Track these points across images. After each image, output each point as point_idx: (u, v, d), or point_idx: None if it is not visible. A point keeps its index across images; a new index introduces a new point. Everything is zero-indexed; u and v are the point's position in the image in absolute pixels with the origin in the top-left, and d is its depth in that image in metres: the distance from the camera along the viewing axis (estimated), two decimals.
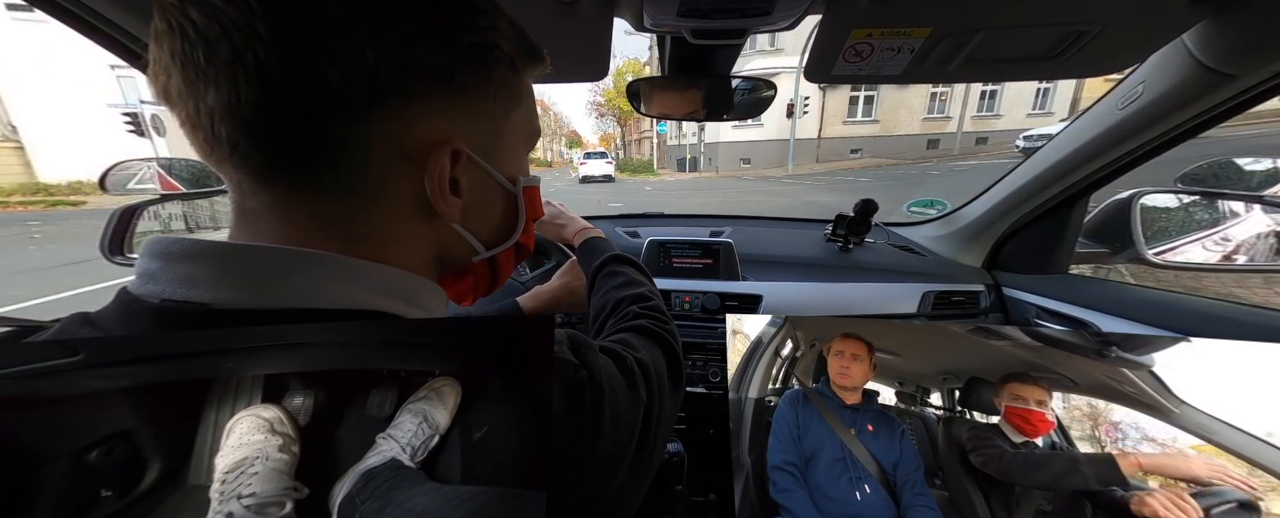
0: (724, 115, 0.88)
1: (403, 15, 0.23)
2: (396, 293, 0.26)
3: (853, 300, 1.06)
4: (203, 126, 0.22)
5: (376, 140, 0.24)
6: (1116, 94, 0.74)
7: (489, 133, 0.29)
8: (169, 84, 0.22)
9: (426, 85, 0.24)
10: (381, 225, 0.26)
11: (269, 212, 0.24)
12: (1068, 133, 0.85)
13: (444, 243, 0.29)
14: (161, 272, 0.23)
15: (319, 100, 0.22)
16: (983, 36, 0.57)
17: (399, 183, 0.26)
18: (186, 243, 0.23)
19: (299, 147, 0.23)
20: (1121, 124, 0.74)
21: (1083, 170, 0.85)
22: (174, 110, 0.23)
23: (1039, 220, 0.99)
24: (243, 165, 0.23)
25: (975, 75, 0.68)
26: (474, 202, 0.29)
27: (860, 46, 0.60)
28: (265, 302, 0.22)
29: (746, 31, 0.62)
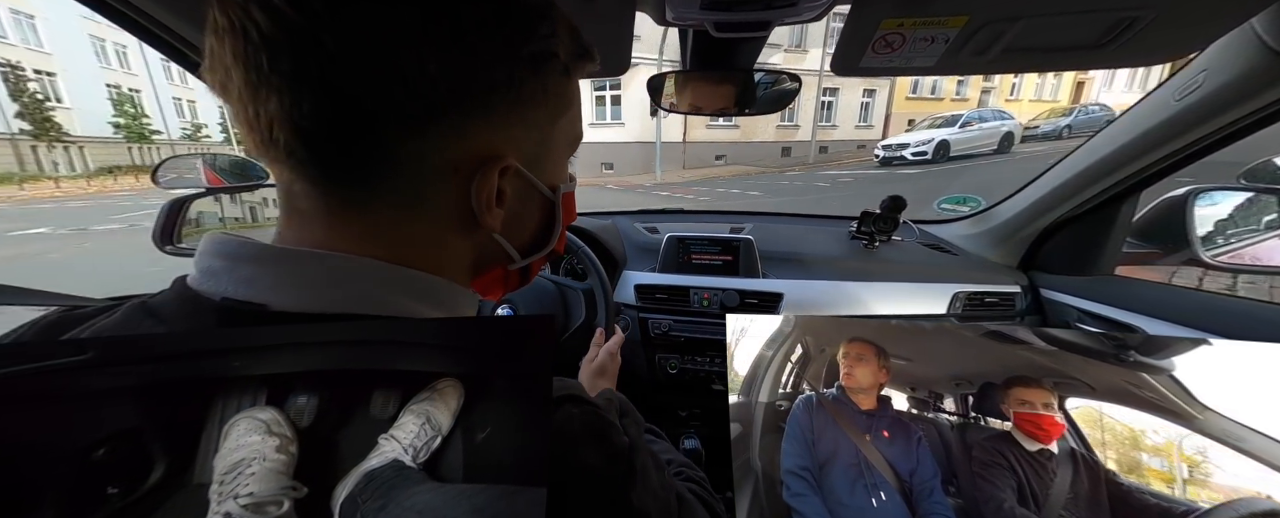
0: (747, 110, 0.86)
1: (469, 27, 0.22)
2: (436, 300, 0.27)
3: (878, 300, 1.03)
4: (259, 129, 0.22)
5: (430, 153, 0.24)
6: (1173, 84, 0.69)
7: (536, 142, 0.28)
8: (228, 83, 0.22)
9: (485, 98, 0.24)
10: (425, 234, 0.27)
11: (319, 216, 0.25)
12: (1117, 126, 0.80)
13: (482, 250, 0.30)
14: (224, 271, 0.24)
15: (379, 114, 0.22)
16: (1024, 25, 0.54)
17: (446, 195, 0.26)
18: (249, 245, 0.24)
19: (354, 158, 0.23)
20: (1178, 116, 0.69)
21: (1133, 166, 0.80)
22: (230, 106, 0.23)
23: (1082, 218, 0.94)
24: (297, 170, 0.24)
25: (1014, 66, 0.65)
26: (515, 211, 0.29)
27: (891, 37, 0.57)
28: (319, 306, 0.23)
29: (771, 24, 0.60)
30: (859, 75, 0.68)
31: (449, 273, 0.28)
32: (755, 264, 1.09)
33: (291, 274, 0.23)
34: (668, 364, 1.05)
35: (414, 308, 0.25)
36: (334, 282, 0.24)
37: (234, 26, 0.20)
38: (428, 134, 0.23)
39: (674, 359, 1.05)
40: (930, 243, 1.21)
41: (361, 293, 0.24)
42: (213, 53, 0.22)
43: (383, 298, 0.24)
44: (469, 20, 0.22)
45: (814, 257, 1.15)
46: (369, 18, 0.21)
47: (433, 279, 0.27)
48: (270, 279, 0.23)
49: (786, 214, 1.49)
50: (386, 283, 0.25)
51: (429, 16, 0.21)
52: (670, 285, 1.07)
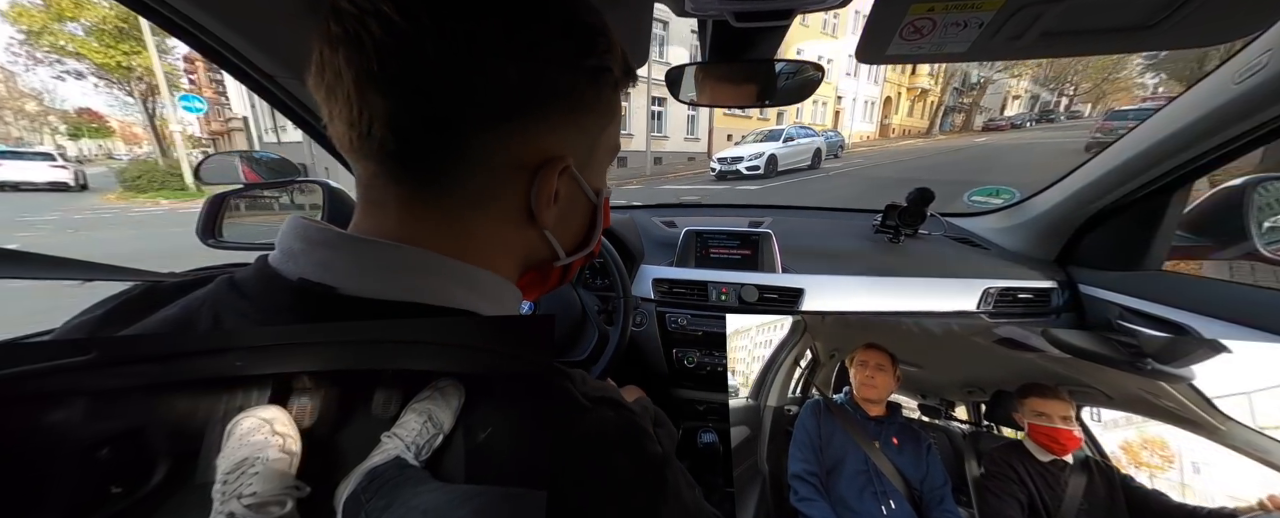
0: (768, 101, 0.84)
1: (543, 38, 0.25)
2: (493, 296, 0.29)
3: (903, 296, 1.00)
4: (360, 126, 0.24)
5: (499, 150, 0.26)
6: (1232, 66, 0.64)
7: (587, 147, 0.31)
8: (336, 85, 0.24)
9: (552, 103, 0.27)
10: (486, 228, 0.29)
11: (395, 205, 0.27)
12: (1169, 112, 0.75)
13: (531, 248, 0.32)
14: (303, 253, 0.26)
15: (465, 112, 0.24)
16: (1066, 6, 0.51)
17: (509, 191, 0.28)
18: (328, 232, 0.26)
19: (436, 152, 0.25)
20: (1238, 101, 0.63)
21: (1186, 154, 0.74)
22: (331, 106, 0.25)
23: (1128, 210, 0.88)
24: (384, 163, 0.26)
25: (1053, 50, 0.61)
26: (565, 211, 0.31)
27: (919, 23, 0.55)
28: (387, 293, 0.24)
29: (793, 12, 0.58)
30: (885, 63, 0.66)
31: (501, 269, 0.30)
32: (775, 259, 1.08)
33: (363, 261, 0.25)
34: (686, 359, 1.05)
35: (473, 301, 0.27)
36: (404, 270, 0.26)
37: (349, 35, 0.23)
38: (500, 133, 0.26)
39: (692, 354, 1.05)
40: (959, 237, 1.16)
41: (426, 285, 0.26)
42: (323, 58, 0.25)
43: (446, 291, 0.26)
44: (542, 33, 0.26)
45: (836, 251, 1.12)
46: (465, 29, 0.24)
47: (492, 277, 0.29)
48: (344, 264, 0.25)
49: (808, 208, 1.46)
50: (452, 277, 0.27)
51: (511, 29, 0.24)
52: (688, 280, 1.07)
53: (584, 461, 0.22)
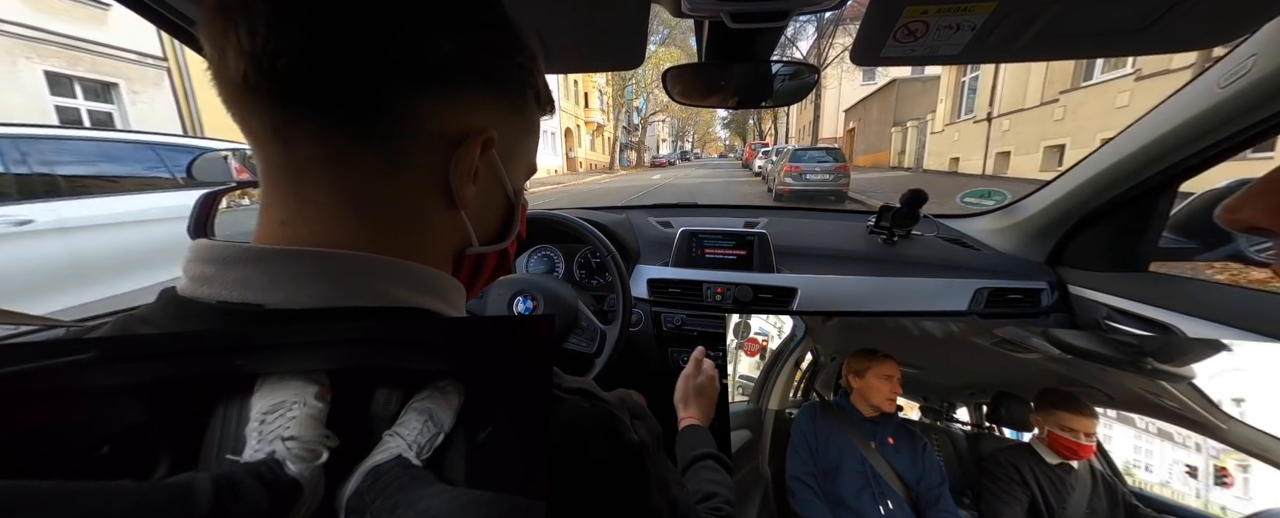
0: (764, 103, 0.85)
1: (481, 22, 0.27)
2: (433, 290, 0.28)
3: (896, 296, 1.01)
4: (261, 59, 0.22)
5: (426, 114, 0.26)
6: (1217, 70, 0.65)
7: (510, 138, 0.31)
8: (239, 12, 0.22)
9: (484, 82, 0.27)
10: (408, 203, 0.27)
11: (311, 186, 0.25)
12: (1156, 115, 0.76)
13: (456, 235, 0.31)
14: (217, 276, 0.24)
15: (396, 67, 0.24)
16: (1058, 9, 0.51)
17: (432, 160, 0.27)
18: (237, 248, 0.24)
19: (357, 104, 0.24)
20: (1223, 104, 0.65)
21: (1173, 157, 0.76)
22: (223, 39, 0.22)
23: (1116, 213, 0.90)
24: (289, 106, 0.24)
25: (1045, 53, 0.62)
26: (483, 197, 0.31)
27: (913, 25, 0.55)
28: (315, 301, 0.23)
29: (789, 14, 0.59)
30: (880, 65, 0.66)
31: (433, 259, 0.29)
32: (770, 259, 1.08)
33: (284, 272, 0.24)
34: (680, 359, 1.05)
35: (412, 298, 0.26)
36: (328, 277, 0.24)
37: None
38: (428, 96, 0.25)
39: (686, 354, 1.05)
40: (952, 238, 1.18)
41: (356, 286, 0.24)
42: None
43: (379, 290, 0.25)
44: (480, 17, 0.27)
45: (830, 252, 1.13)
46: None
47: (422, 269, 0.27)
48: (264, 279, 0.24)
49: (803, 209, 1.47)
50: (381, 275, 0.25)
51: (453, 8, 0.25)
52: (683, 280, 1.07)
53: (559, 449, 0.22)
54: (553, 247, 1.23)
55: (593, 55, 0.73)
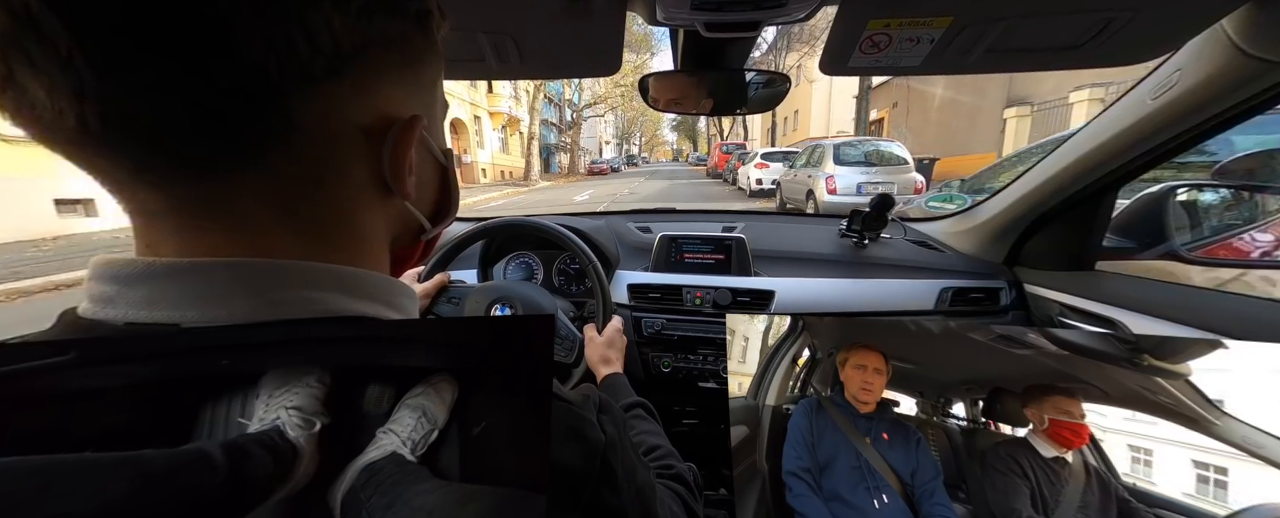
0: (738, 110, 0.87)
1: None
2: (373, 295, 0.25)
3: (868, 297, 1.04)
4: (94, 104, 0.17)
5: (333, 114, 0.22)
6: (1148, 83, 0.71)
7: (428, 103, 0.28)
8: (42, 53, 0.16)
9: (386, 54, 0.23)
10: (338, 210, 0.24)
11: (206, 207, 0.21)
12: (1095, 125, 0.82)
13: (394, 224, 0.28)
14: (119, 295, 0.21)
15: (284, 71, 0.19)
16: (1006, 26, 0.55)
17: (355, 161, 0.24)
18: (138, 264, 0.21)
19: (247, 128, 0.20)
20: (1154, 115, 0.71)
21: (1112, 164, 0.82)
22: (32, 82, 0.17)
23: (1064, 215, 0.96)
24: (164, 159, 0.20)
25: (998, 66, 0.66)
26: (421, 177, 0.27)
27: (877, 38, 0.58)
28: (236, 318, 0.21)
29: (761, 24, 0.61)
30: (847, 75, 0.69)
31: (371, 255, 0.26)
32: (747, 262, 1.10)
33: (196, 287, 0.21)
34: (661, 363, 1.05)
35: (348, 305, 0.23)
36: (248, 289, 0.21)
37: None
38: (330, 93, 0.21)
39: (667, 358, 1.05)
40: (918, 240, 1.23)
41: (281, 298, 0.21)
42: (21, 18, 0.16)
43: (309, 299, 0.22)
44: None
45: (805, 255, 1.16)
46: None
47: (360, 273, 0.24)
48: (173, 296, 0.21)
49: (779, 213, 1.51)
50: (311, 283, 0.22)
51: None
52: (663, 284, 1.07)
53: None
54: (531, 254, 1.21)
55: (569, 62, 0.73)
